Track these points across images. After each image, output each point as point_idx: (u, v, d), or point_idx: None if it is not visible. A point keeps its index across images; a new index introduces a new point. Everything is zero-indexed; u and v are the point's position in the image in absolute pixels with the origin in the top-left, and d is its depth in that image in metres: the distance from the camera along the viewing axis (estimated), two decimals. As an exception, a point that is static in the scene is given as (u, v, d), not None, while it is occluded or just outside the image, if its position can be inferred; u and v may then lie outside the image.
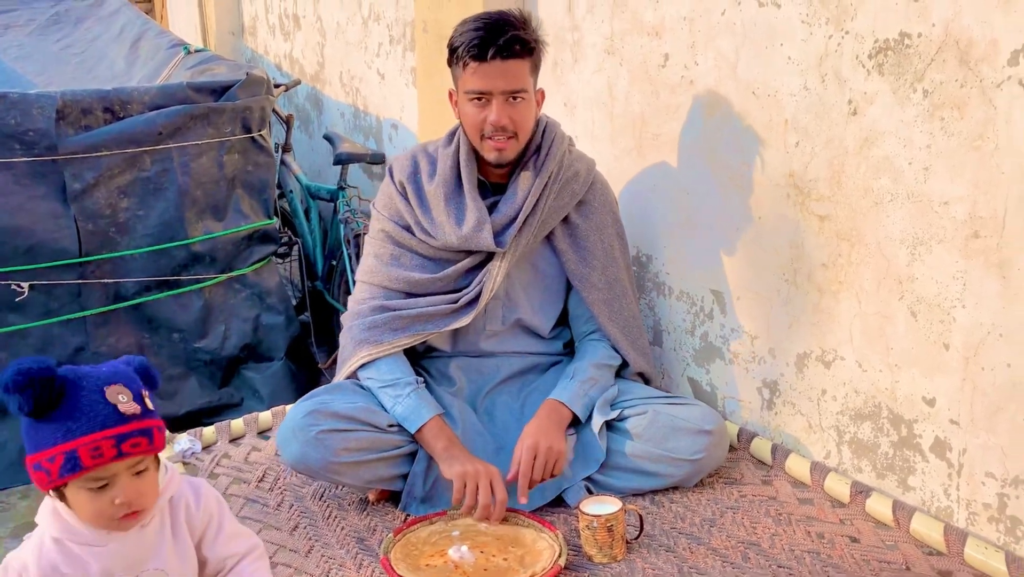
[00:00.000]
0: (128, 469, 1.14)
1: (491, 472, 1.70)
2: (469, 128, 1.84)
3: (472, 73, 1.78)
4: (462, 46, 1.78)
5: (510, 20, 1.79)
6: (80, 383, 1.12)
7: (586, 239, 1.95)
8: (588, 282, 1.94)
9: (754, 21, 1.83)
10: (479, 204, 1.87)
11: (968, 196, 1.51)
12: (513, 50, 1.76)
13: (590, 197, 1.97)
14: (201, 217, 3.00)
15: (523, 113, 1.81)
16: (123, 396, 1.13)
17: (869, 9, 1.61)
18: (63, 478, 1.11)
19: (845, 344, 1.77)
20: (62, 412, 1.11)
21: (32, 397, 1.08)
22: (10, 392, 1.08)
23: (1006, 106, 1.44)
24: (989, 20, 1.43)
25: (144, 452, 1.14)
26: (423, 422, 1.77)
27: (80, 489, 1.13)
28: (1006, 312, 1.49)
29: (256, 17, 4.94)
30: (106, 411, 1.11)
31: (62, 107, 2.72)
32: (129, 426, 1.12)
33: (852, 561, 1.57)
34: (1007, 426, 1.51)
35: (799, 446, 1.92)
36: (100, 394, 1.12)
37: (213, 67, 3.35)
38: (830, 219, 1.76)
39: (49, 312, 2.82)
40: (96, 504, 1.13)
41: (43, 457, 1.11)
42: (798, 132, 1.79)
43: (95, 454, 1.09)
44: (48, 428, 1.11)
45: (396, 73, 3.34)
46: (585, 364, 1.90)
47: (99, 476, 1.12)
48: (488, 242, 1.85)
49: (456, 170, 1.90)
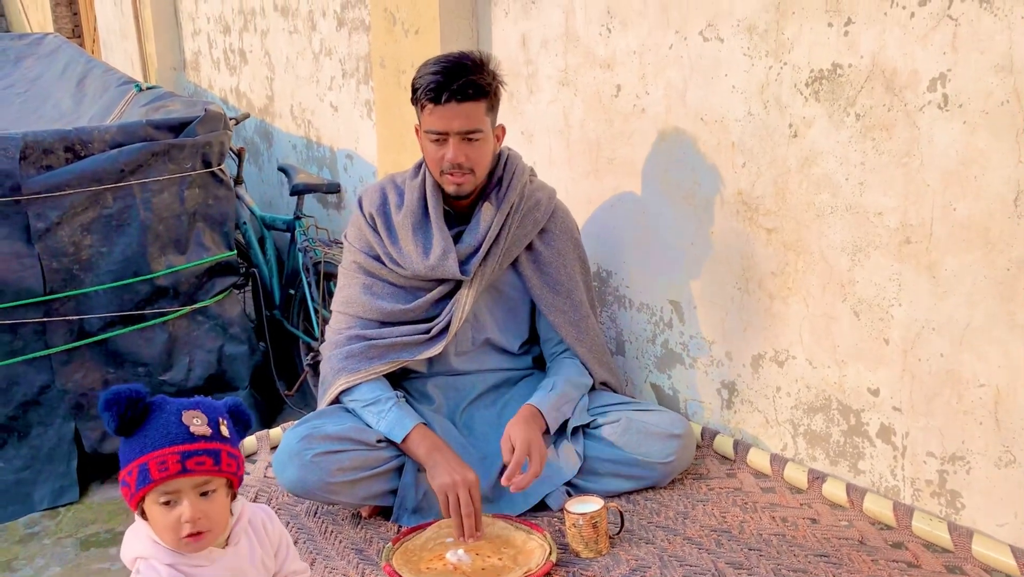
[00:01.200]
0: (194, 488, 1.21)
1: (468, 481, 1.78)
2: (430, 163, 1.94)
3: (430, 114, 1.87)
4: (420, 88, 1.87)
5: (466, 64, 1.87)
6: (163, 407, 1.21)
7: (549, 265, 2.06)
8: (554, 307, 2.06)
9: (700, 54, 2.01)
10: (445, 234, 1.96)
11: (899, 207, 1.70)
12: (467, 94, 1.84)
13: (551, 225, 2.07)
14: (164, 251, 3.04)
15: (479, 151, 1.90)
16: (198, 420, 1.21)
17: (804, 43, 1.80)
18: (139, 491, 1.19)
19: (796, 344, 1.95)
20: (142, 431, 1.20)
21: (117, 415, 1.18)
22: (102, 411, 1.18)
23: (928, 127, 1.63)
24: (911, 52, 1.62)
25: (208, 471, 1.20)
26: (407, 431, 1.87)
27: (152, 504, 1.21)
28: (937, 308, 1.67)
29: (199, 52, 4.98)
30: (177, 430, 1.19)
31: (24, 148, 2.75)
32: (196, 445, 1.19)
33: (814, 539, 1.73)
34: (943, 409, 1.70)
35: (758, 440, 2.08)
36: (177, 416, 1.21)
37: (168, 104, 3.40)
38: (777, 231, 1.93)
39: (14, 352, 2.83)
40: (164, 520, 1.21)
41: (125, 472, 1.20)
42: (744, 154, 1.96)
43: (161, 468, 1.17)
44: (130, 445, 1.20)
45: (350, 105, 3.44)
46: (563, 380, 2.00)
47: (166, 490, 1.19)
48: (454, 270, 1.95)
49: (423, 201, 2.00)
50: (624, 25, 2.17)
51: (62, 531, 2.71)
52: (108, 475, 3.01)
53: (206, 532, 1.22)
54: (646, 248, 2.25)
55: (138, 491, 1.19)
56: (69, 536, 2.68)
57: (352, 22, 3.31)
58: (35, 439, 2.85)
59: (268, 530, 1.36)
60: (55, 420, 2.88)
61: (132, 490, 1.20)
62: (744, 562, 1.66)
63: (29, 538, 2.68)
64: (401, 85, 2.75)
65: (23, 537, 2.69)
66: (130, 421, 1.19)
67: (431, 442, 1.86)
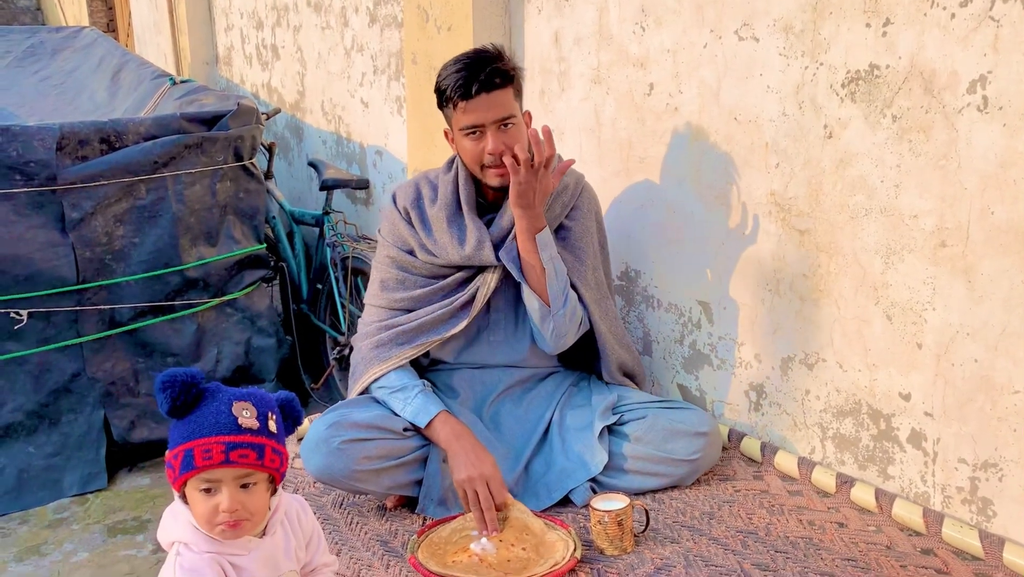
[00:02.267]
0: (235, 479, 1.22)
1: (486, 475, 1.78)
2: (470, 161, 1.97)
3: (463, 111, 1.91)
4: (449, 88, 1.91)
5: (486, 56, 1.92)
6: (216, 395, 1.23)
7: (579, 240, 2.08)
8: (583, 280, 2.06)
9: (735, 53, 2.00)
10: (478, 224, 1.99)
11: (935, 209, 1.68)
12: (495, 82, 1.89)
13: (579, 203, 2.10)
14: (195, 243, 3.07)
15: (516, 136, 1.94)
16: (247, 412, 1.22)
17: (841, 43, 1.79)
18: (182, 476, 1.21)
19: (826, 347, 1.93)
20: (193, 416, 1.21)
21: (171, 398, 1.19)
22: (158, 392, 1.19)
23: (966, 129, 1.61)
24: (950, 53, 1.61)
25: (250, 465, 1.21)
26: (431, 417, 1.88)
27: (193, 490, 1.22)
28: (972, 313, 1.66)
29: (231, 47, 5.02)
30: (226, 420, 1.21)
31: (61, 138, 2.79)
32: (242, 437, 1.20)
33: (842, 544, 1.71)
34: (976, 416, 1.68)
35: (786, 443, 2.07)
36: (227, 406, 1.22)
37: (202, 97, 3.43)
38: (810, 233, 1.92)
39: (47, 339, 2.87)
40: (203, 507, 1.22)
41: (171, 454, 1.21)
42: (778, 154, 1.95)
43: (205, 456, 1.18)
44: (179, 428, 1.22)
45: (381, 102, 3.46)
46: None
47: (208, 478, 1.21)
48: (490, 258, 1.97)
49: (456, 195, 2.03)
50: (658, 23, 2.17)
51: (90, 517, 2.74)
52: (135, 463, 3.05)
53: (243, 522, 1.23)
54: (676, 248, 2.24)
55: (181, 475, 1.21)
56: (97, 522, 2.72)
57: (384, 18, 3.33)
58: (65, 426, 2.89)
59: (302, 521, 1.38)
60: (85, 408, 2.92)
61: (176, 473, 1.21)
62: (770, 564, 1.65)
63: (58, 523, 2.72)
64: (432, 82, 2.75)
65: (52, 522, 2.73)
66: (182, 405, 1.21)
67: (452, 429, 1.87)
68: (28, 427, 2.85)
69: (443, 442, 1.86)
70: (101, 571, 2.48)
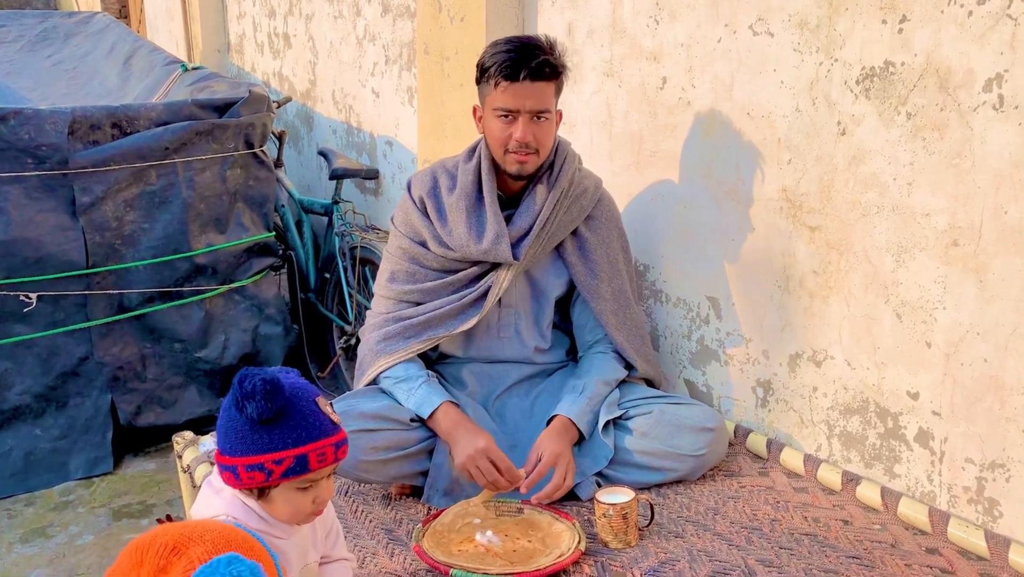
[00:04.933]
0: (328, 473, 1.28)
1: (485, 450, 1.78)
2: (494, 142, 1.95)
3: (502, 92, 1.89)
4: (494, 65, 1.89)
5: (540, 45, 1.91)
6: (297, 395, 1.23)
7: (594, 252, 2.06)
8: (596, 293, 2.06)
9: (749, 48, 1.99)
10: (499, 218, 1.97)
11: (948, 208, 1.67)
12: (543, 73, 1.88)
13: (597, 212, 2.08)
14: (204, 230, 3.08)
15: (546, 132, 1.93)
16: (328, 408, 1.26)
17: (856, 40, 1.78)
18: (286, 478, 1.22)
19: (835, 344, 1.93)
20: (289, 421, 1.21)
21: (274, 408, 1.20)
22: (252, 398, 1.18)
23: (981, 128, 1.60)
24: (966, 51, 1.60)
25: (343, 456, 1.28)
26: (434, 407, 1.88)
27: (290, 489, 1.24)
28: (982, 312, 1.65)
29: (243, 35, 5.03)
30: (326, 422, 1.24)
31: (72, 122, 2.79)
32: (340, 435, 1.27)
33: (846, 541, 1.71)
34: (984, 416, 1.67)
35: (792, 440, 2.06)
36: (315, 405, 1.24)
37: (213, 84, 3.44)
38: (820, 230, 1.91)
39: (55, 322, 2.88)
40: (298, 502, 1.26)
41: (269, 459, 1.20)
42: (790, 150, 1.94)
43: (321, 459, 1.23)
44: (275, 434, 1.20)
45: (392, 92, 3.46)
46: (593, 380, 1.98)
47: (313, 478, 1.25)
48: (507, 255, 1.96)
49: (477, 184, 2.00)
50: (672, 17, 2.16)
51: (96, 500, 2.76)
52: (141, 448, 3.06)
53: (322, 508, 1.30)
54: (685, 243, 2.24)
55: (286, 478, 1.22)
56: (102, 505, 2.73)
57: (397, 8, 3.32)
58: (72, 409, 2.91)
59: (324, 513, 1.39)
60: (92, 392, 2.93)
61: (275, 477, 1.21)
62: (774, 560, 1.65)
63: (64, 506, 2.73)
64: (444, 72, 2.75)
65: (58, 504, 2.74)
66: (278, 411, 1.21)
67: (452, 419, 1.87)
68: (35, 410, 2.86)
69: (444, 432, 1.86)
70: (106, 553, 2.49)
